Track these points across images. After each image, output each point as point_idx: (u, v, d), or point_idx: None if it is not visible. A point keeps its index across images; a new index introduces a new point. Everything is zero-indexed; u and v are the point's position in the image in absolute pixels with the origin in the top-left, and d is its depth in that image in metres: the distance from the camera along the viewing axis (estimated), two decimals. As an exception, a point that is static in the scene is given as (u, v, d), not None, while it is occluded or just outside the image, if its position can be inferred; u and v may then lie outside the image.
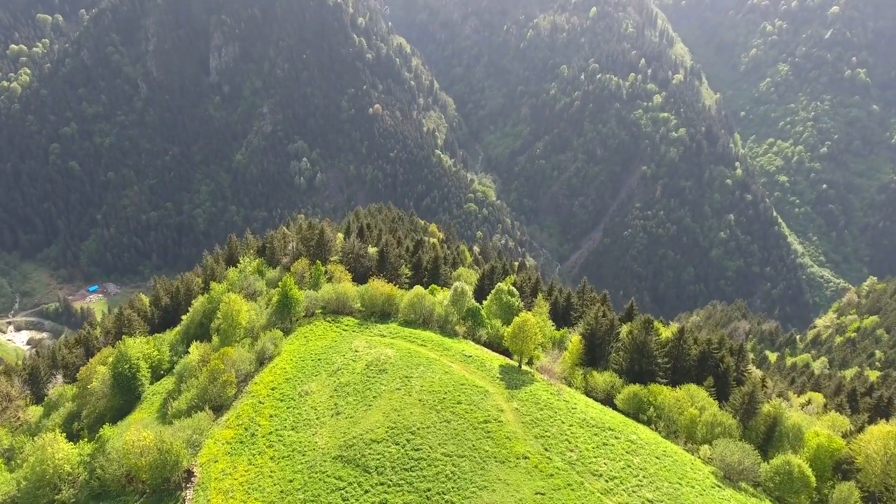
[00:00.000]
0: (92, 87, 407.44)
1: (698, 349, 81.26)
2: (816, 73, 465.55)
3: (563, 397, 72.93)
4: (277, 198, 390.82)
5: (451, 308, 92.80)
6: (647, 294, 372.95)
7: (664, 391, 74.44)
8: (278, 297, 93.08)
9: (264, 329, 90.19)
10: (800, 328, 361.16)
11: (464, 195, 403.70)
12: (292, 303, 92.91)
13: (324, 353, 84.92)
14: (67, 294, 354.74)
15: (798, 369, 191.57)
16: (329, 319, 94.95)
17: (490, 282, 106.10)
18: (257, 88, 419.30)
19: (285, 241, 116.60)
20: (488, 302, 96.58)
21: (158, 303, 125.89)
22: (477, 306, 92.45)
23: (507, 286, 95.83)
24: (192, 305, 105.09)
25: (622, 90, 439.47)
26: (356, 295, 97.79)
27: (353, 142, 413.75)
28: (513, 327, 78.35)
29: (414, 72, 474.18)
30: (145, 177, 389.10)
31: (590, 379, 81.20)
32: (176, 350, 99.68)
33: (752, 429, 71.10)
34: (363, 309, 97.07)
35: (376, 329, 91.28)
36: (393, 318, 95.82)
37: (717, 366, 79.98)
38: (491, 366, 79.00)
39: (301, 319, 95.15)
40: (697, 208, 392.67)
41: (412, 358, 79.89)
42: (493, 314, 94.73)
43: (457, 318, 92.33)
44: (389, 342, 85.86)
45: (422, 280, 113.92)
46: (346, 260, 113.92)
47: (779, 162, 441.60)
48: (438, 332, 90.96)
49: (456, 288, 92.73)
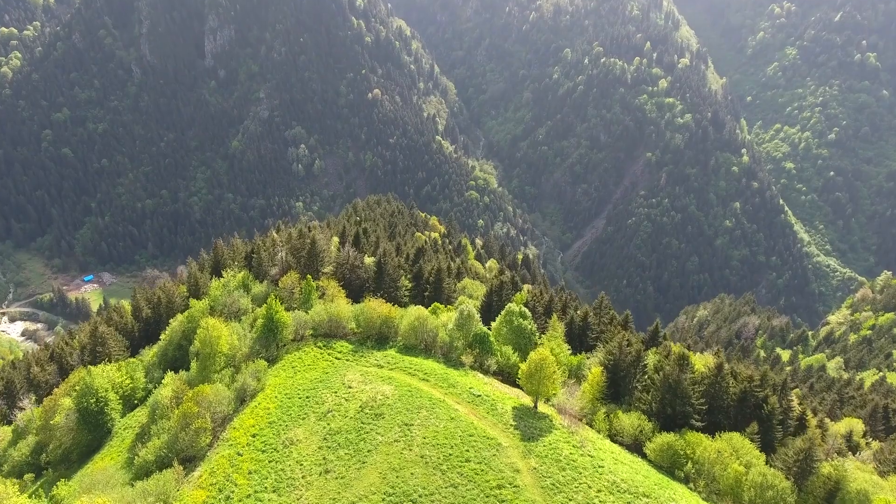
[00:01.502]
0: (84, 72, 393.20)
1: (738, 387, 70.51)
2: (825, 57, 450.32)
3: (588, 450, 62.33)
4: (275, 185, 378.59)
5: (456, 333, 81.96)
6: (651, 284, 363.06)
7: (703, 441, 63.86)
8: (262, 320, 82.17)
9: (247, 359, 79.35)
10: (805, 318, 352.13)
11: (465, 182, 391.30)
12: (278, 327, 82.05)
13: (313, 388, 74.16)
14: (62, 284, 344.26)
15: (815, 372, 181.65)
16: (320, 345, 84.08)
17: (499, 297, 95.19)
18: (254, 73, 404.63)
19: (274, 250, 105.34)
20: (497, 324, 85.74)
21: (139, 314, 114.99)
22: (485, 331, 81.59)
23: (518, 306, 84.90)
24: (170, 324, 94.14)
25: (627, 74, 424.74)
26: (351, 315, 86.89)
27: (351, 128, 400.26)
28: (529, 365, 67.52)
29: (414, 55, 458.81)
30: (140, 164, 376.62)
31: (615, 421, 70.59)
32: (151, 376, 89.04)
33: (808, 491, 60.71)
34: (359, 331, 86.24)
35: (373, 357, 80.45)
36: (392, 341, 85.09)
37: (760, 407, 69.30)
38: (503, 408, 68.28)
39: (289, 344, 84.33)
40: (703, 196, 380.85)
41: (413, 398, 69.16)
42: (504, 338, 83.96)
43: (463, 344, 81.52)
44: (387, 375, 75.10)
45: (423, 293, 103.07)
46: (341, 271, 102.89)
47: (785, 148, 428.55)
48: (442, 360, 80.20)
49: (462, 311, 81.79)
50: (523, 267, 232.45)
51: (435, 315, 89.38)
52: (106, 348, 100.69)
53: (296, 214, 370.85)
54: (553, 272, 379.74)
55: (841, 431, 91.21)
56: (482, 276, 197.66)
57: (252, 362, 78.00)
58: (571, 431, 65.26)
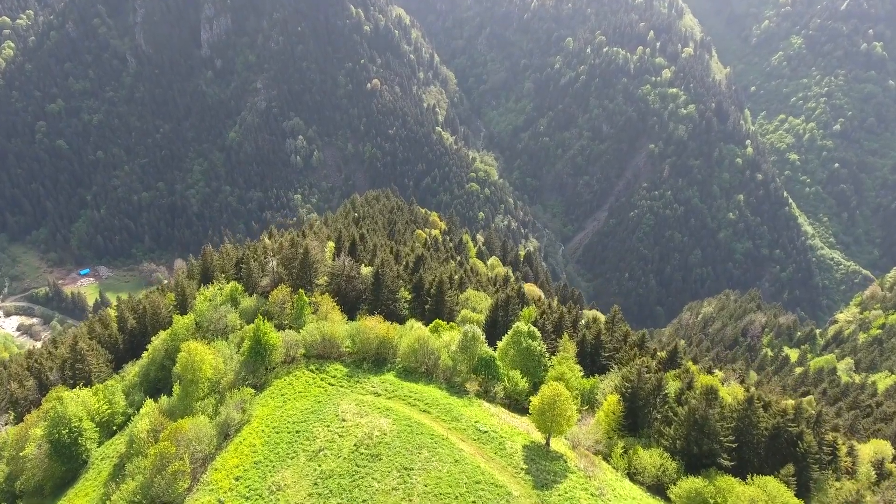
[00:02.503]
0: (78, 62, 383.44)
1: (770, 422, 63.59)
2: (831, 46, 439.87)
3: (607, 499, 55.55)
4: (273, 177, 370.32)
5: (459, 356, 74.97)
6: (653, 277, 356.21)
7: (734, 488, 57.04)
8: (249, 342, 75.10)
9: (232, 387, 72.35)
10: (808, 312, 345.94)
11: (465, 174, 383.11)
12: (267, 350, 75.01)
13: (304, 420, 67.24)
14: (58, 278, 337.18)
15: (825, 375, 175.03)
16: (313, 368, 77.11)
17: (504, 312, 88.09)
18: (251, 63, 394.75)
19: (265, 259, 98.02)
20: (504, 345, 78.68)
21: (124, 325, 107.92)
22: (491, 355, 74.58)
23: (526, 326, 77.80)
24: (152, 342, 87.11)
25: (630, 64, 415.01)
26: (346, 335, 79.86)
27: (350, 118, 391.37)
28: (541, 401, 60.54)
29: (413, 44, 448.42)
30: (136, 156, 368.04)
31: (634, 457, 63.75)
32: (132, 399, 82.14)
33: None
34: (354, 352, 79.22)
35: (369, 382, 73.51)
36: (390, 363, 78.14)
37: (795, 444, 62.43)
38: (512, 447, 61.43)
39: (279, 367, 77.32)
40: (706, 188, 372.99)
41: (413, 435, 62.28)
42: (510, 361, 76.95)
43: (467, 368, 74.55)
44: (385, 406, 68.15)
45: (423, 305, 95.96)
46: (336, 282, 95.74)
47: (790, 139, 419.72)
48: (445, 386, 73.30)
49: (466, 332, 74.72)
50: (525, 264, 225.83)
51: (436, 334, 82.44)
52: (86, 365, 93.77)
53: (294, 207, 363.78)
54: (554, 265, 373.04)
55: (869, 455, 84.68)
56: (484, 275, 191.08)
57: (238, 390, 70.99)
58: (588, 475, 58.46)
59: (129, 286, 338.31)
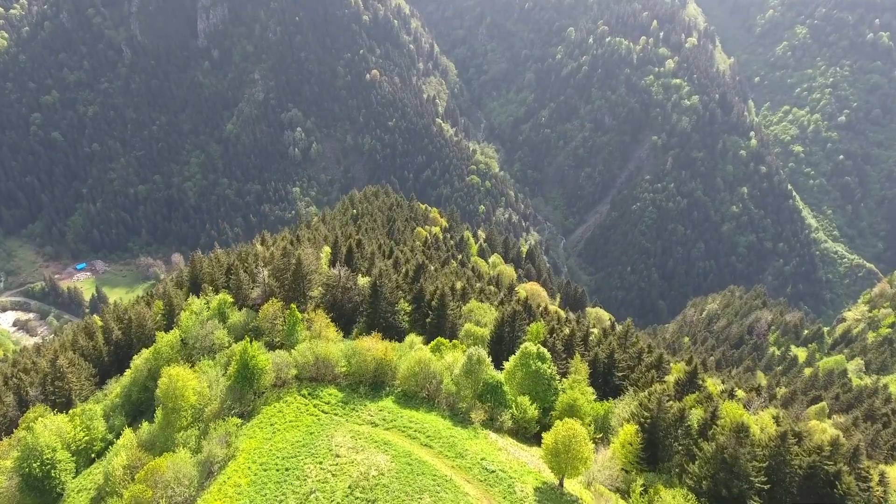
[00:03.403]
0: (73, 53, 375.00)
1: (805, 460, 57.54)
2: (836, 36, 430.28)
3: (630, 554, 49.62)
4: (271, 170, 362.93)
5: (463, 380, 68.83)
6: (656, 271, 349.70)
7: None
8: (236, 366, 68.89)
9: (217, 416, 66.22)
10: (811, 306, 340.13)
11: (465, 167, 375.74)
12: (255, 375, 68.81)
13: (294, 455, 61.12)
14: (54, 272, 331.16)
15: (836, 377, 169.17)
16: (305, 392, 70.89)
17: (511, 328, 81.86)
18: (248, 53, 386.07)
19: (256, 268, 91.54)
20: (511, 366, 72.53)
21: (109, 336, 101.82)
22: (497, 380, 68.40)
23: (535, 347, 71.57)
24: (133, 361, 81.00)
25: (632, 54, 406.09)
26: (341, 355, 73.66)
27: (349, 110, 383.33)
28: (555, 440, 54.41)
29: (413, 34, 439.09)
30: (132, 148, 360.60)
31: (655, 498, 57.69)
32: (112, 423, 76.14)
33: None
34: (350, 373, 73.04)
35: (366, 410, 67.38)
36: (388, 386, 72.06)
37: (833, 484, 56.43)
38: (522, 490, 55.38)
39: (268, 391, 71.13)
40: (709, 181, 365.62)
41: (414, 476, 56.18)
42: (518, 384, 70.86)
43: (471, 394, 68.41)
44: (383, 438, 62.03)
45: (424, 318, 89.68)
46: (332, 293, 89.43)
47: (794, 131, 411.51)
48: (448, 414, 67.22)
49: (470, 355, 68.51)
50: (528, 261, 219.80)
51: (438, 354, 76.23)
52: (66, 383, 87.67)
53: (293, 200, 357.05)
54: (556, 259, 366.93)
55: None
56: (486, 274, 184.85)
57: (223, 420, 64.84)
58: (608, 524, 52.49)
59: (126, 281, 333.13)
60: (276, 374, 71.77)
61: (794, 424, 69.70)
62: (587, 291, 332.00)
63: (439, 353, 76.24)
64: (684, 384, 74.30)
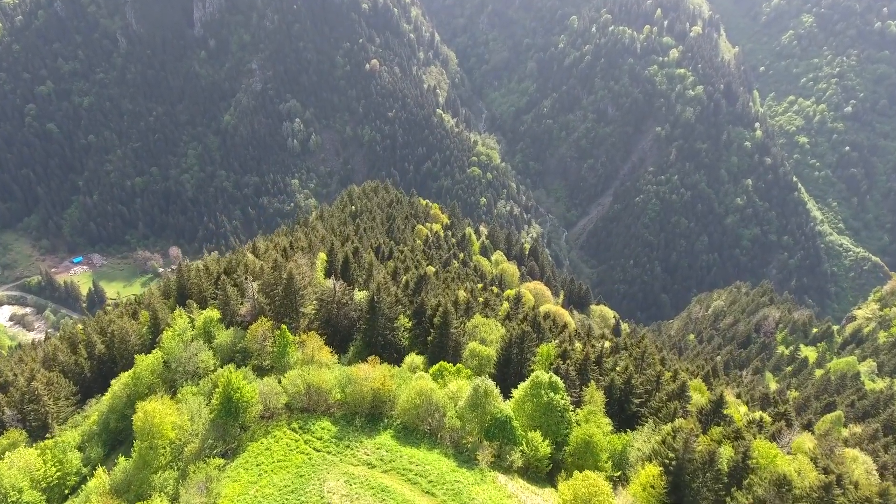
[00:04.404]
0: (67, 42, 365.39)
1: (853, 512, 51.07)
2: (843, 24, 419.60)
3: None
4: (269, 162, 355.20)
5: (468, 414, 62.17)
6: (659, 264, 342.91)
7: None
8: (219, 398, 62.18)
9: (197, 457, 59.60)
10: (816, 300, 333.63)
11: (466, 158, 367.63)
12: (240, 409, 62.12)
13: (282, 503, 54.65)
14: (50, 266, 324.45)
15: (849, 381, 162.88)
16: (296, 426, 64.24)
17: (519, 350, 75.10)
18: (245, 42, 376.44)
19: (245, 281, 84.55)
20: (520, 396, 65.80)
21: (92, 350, 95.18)
22: (506, 415, 61.67)
23: (547, 375, 64.81)
24: (111, 387, 74.42)
25: (636, 44, 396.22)
26: (335, 383, 66.96)
27: (348, 101, 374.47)
28: (573, 495, 47.78)
29: (413, 23, 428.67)
30: (128, 140, 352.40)
31: (683, 555, 51.34)
32: (88, 456, 69.62)
33: None
34: (345, 402, 66.38)
35: (361, 448, 60.76)
36: (387, 418, 65.43)
37: (883, 543, 50.03)
38: (536, 550, 48.98)
39: (256, 425, 64.44)
40: (713, 172, 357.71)
41: (414, 533, 49.75)
42: (528, 417, 64.18)
43: (478, 430, 61.77)
44: (380, 483, 55.49)
45: (426, 335, 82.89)
46: (326, 309, 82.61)
47: (799, 122, 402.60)
48: (451, 452, 60.62)
49: (477, 387, 61.79)
50: (531, 258, 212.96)
51: (441, 380, 69.54)
52: (42, 406, 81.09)
53: (291, 192, 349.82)
54: (557, 251, 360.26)
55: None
56: (489, 273, 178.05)
57: (203, 462, 58.23)
58: None
59: (124, 274, 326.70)
60: (264, 405, 65.10)
61: (831, 460, 63.20)
62: (589, 285, 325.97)
63: (442, 380, 69.58)
64: (708, 414, 67.68)
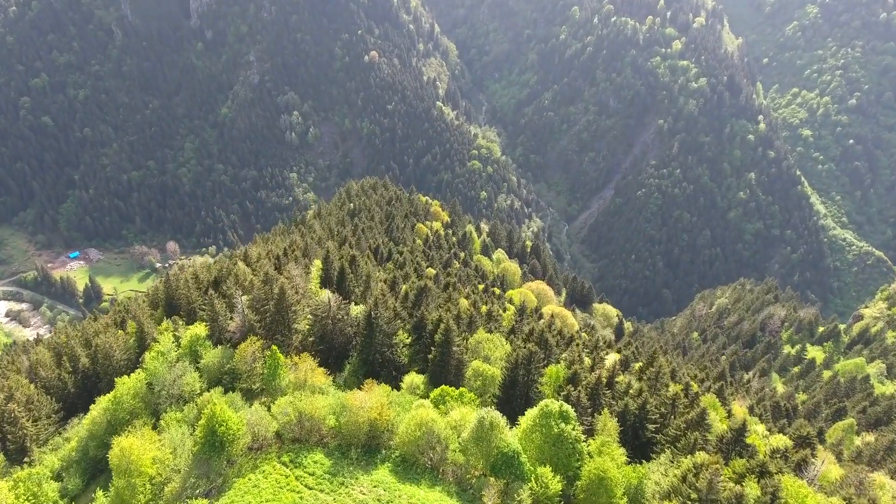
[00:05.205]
0: (62, 34, 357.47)
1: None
2: (848, 15, 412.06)
3: None
4: (268, 155, 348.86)
5: (472, 448, 57.07)
6: (661, 258, 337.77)
7: None
8: (202, 431, 56.98)
9: (178, 498, 54.48)
10: (818, 294, 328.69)
11: (467, 152, 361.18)
12: (225, 442, 56.93)
13: (270, 551, 49.69)
14: (47, 261, 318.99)
15: (858, 384, 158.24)
16: (286, 459, 59.11)
17: (526, 371, 69.84)
18: (242, 34, 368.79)
19: (234, 293, 79.10)
20: (528, 425, 60.62)
21: (76, 364, 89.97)
22: (514, 450, 56.56)
23: (557, 404, 59.60)
24: (90, 412, 69.21)
25: (639, 35, 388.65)
26: (328, 410, 61.82)
27: (347, 93, 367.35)
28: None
29: (413, 14, 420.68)
30: (124, 133, 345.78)
31: None
32: (65, 488, 64.61)
33: None
34: (339, 431, 61.23)
35: (357, 486, 55.69)
36: (384, 449, 60.31)
37: None
38: None
39: (243, 459, 59.27)
40: (716, 166, 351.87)
41: (414, 591, 44.73)
42: (537, 449, 59.08)
43: (483, 465, 56.69)
44: (377, 528, 50.55)
45: (426, 352, 77.64)
46: (321, 324, 77.30)
47: (803, 114, 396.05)
48: (454, 490, 55.61)
49: (482, 420, 56.59)
50: (532, 256, 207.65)
51: (443, 407, 64.35)
52: (19, 428, 75.98)
53: (290, 186, 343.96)
54: (558, 246, 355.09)
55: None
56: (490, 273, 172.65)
57: (185, 504, 53.18)
58: None
59: (121, 269, 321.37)
60: (253, 436, 59.94)
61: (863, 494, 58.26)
62: (590, 279, 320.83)
63: (444, 406, 64.41)
64: (729, 443, 62.57)
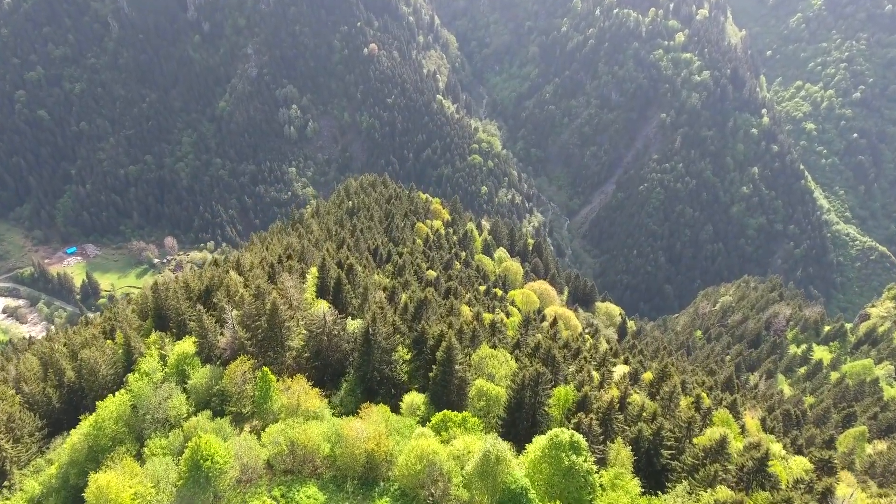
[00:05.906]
0: (57, 26, 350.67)
1: None
2: (853, 7, 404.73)
3: None
4: (266, 149, 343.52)
5: (478, 484, 52.78)
6: (663, 254, 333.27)
7: None
8: (186, 466, 52.65)
9: (159, 541, 50.43)
10: (821, 290, 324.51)
11: (467, 145, 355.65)
12: (211, 477, 52.58)
13: None
14: (43, 257, 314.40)
15: (868, 387, 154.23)
16: (277, 494, 54.93)
17: (533, 393, 65.44)
18: (240, 27, 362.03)
19: (225, 306, 74.62)
20: (536, 456, 56.32)
21: (61, 378, 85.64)
22: (521, 486, 52.31)
23: (567, 434, 55.24)
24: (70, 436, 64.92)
25: (641, 27, 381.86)
26: (323, 438, 57.55)
27: (346, 86, 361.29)
28: None
29: (412, 5, 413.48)
30: (121, 127, 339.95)
31: None
32: (44, 518, 60.53)
33: None
34: (334, 461, 57.00)
35: (353, 524, 51.55)
36: (382, 481, 56.12)
37: None
38: None
39: (230, 492, 54.98)
40: (719, 160, 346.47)
41: None
42: (546, 483, 54.82)
43: (488, 502, 52.42)
44: (374, 576, 46.32)
45: (427, 369, 73.23)
46: (316, 340, 72.86)
47: (806, 108, 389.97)
48: (458, 529, 51.43)
49: (487, 454, 52.23)
50: (534, 254, 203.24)
51: (445, 434, 60.01)
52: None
53: (289, 181, 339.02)
54: (559, 241, 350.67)
55: None
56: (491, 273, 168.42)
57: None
58: None
59: (118, 265, 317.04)
60: (241, 468, 55.63)
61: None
62: (592, 275, 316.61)
63: (446, 433, 60.09)
64: (752, 473, 58.25)
